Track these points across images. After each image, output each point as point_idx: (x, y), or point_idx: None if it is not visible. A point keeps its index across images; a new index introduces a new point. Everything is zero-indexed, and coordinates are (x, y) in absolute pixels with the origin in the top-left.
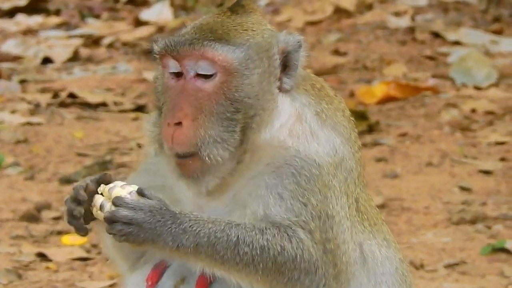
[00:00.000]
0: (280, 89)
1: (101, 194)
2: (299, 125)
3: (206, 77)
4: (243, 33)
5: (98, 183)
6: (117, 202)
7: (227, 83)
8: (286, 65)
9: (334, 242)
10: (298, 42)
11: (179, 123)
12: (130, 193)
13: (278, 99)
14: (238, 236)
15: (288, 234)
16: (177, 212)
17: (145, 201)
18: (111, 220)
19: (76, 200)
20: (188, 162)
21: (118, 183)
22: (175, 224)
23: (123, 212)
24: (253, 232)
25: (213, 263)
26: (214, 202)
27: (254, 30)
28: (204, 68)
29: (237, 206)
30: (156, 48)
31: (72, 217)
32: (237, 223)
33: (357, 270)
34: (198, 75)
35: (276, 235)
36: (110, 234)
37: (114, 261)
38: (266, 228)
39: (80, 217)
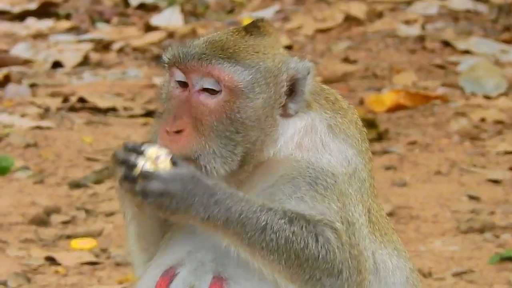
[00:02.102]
0: (284, 114)
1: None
2: (308, 138)
3: (211, 93)
4: (254, 55)
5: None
6: (150, 176)
7: (230, 102)
8: (292, 90)
9: (357, 248)
10: (308, 68)
11: (178, 131)
12: (158, 156)
13: (280, 124)
14: (267, 221)
15: (316, 231)
16: (210, 183)
17: (177, 171)
18: (143, 193)
19: (128, 148)
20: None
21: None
22: (206, 194)
23: (155, 184)
24: (282, 221)
25: (240, 242)
26: None
27: (265, 54)
28: (210, 84)
29: None
30: (165, 57)
31: (130, 168)
32: (269, 207)
33: (370, 279)
34: (203, 90)
35: (303, 228)
36: (141, 206)
37: (132, 252)
38: (295, 219)
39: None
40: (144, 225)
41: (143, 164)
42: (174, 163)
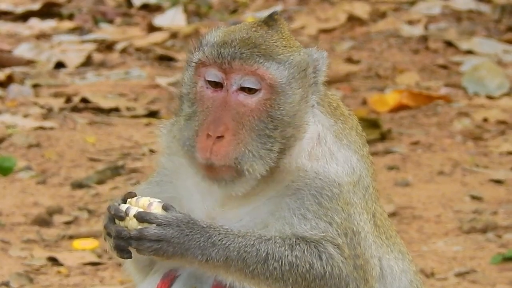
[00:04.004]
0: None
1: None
2: (318, 147)
3: (250, 92)
4: (284, 49)
5: (124, 200)
6: (146, 216)
7: (271, 100)
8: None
9: (363, 257)
10: (325, 58)
11: (220, 137)
12: (151, 203)
13: (309, 117)
14: (268, 251)
15: (318, 250)
16: (205, 225)
17: (172, 215)
18: (139, 238)
19: (117, 217)
20: (220, 170)
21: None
22: (203, 237)
23: (152, 231)
24: (283, 248)
25: (243, 277)
26: (228, 215)
27: (291, 47)
28: (250, 83)
29: (254, 223)
30: (200, 55)
31: (121, 239)
32: (267, 238)
33: (376, 287)
34: (241, 89)
35: (305, 251)
36: (138, 251)
37: (129, 272)
38: (295, 244)
39: (129, 238)
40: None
41: (136, 210)
42: (166, 209)
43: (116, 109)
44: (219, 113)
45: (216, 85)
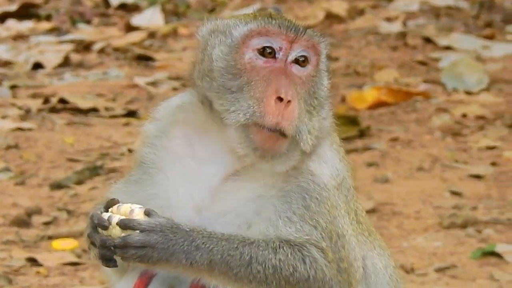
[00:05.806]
0: None
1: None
2: (315, 147)
3: (301, 65)
4: None
5: (107, 208)
6: (129, 224)
7: (315, 78)
8: None
9: (347, 260)
10: None
11: (289, 102)
12: (133, 210)
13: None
14: (251, 254)
15: (302, 254)
16: (188, 229)
17: (155, 221)
18: (123, 246)
19: (101, 226)
20: (278, 139)
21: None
22: (187, 241)
23: (136, 238)
24: (266, 251)
25: (227, 280)
26: (215, 208)
27: None
28: (307, 56)
29: (239, 221)
30: (253, 27)
31: (105, 249)
32: (251, 241)
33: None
34: (293, 62)
35: (289, 255)
36: (123, 259)
37: (106, 273)
38: (279, 247)
39: (114, 246)
40: None
41: (118, 218)
42: (148, 215)
43: (94, 109)
44: (282, 80)
45: (269, 55)
